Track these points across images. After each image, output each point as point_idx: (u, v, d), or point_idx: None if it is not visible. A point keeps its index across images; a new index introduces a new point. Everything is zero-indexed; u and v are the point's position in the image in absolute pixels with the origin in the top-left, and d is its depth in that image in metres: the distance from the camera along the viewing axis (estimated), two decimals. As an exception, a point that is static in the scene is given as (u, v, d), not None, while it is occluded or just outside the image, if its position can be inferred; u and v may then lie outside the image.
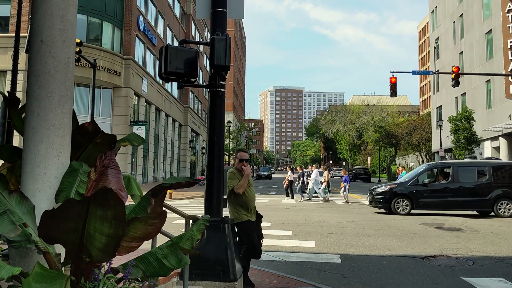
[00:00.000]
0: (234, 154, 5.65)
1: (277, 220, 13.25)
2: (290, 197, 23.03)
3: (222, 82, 5.34)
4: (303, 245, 8.98)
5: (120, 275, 2.72)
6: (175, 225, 10.83)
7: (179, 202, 20.15)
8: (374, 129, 66.48)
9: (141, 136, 3.93)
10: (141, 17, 30.66)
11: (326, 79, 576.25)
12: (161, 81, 34.33)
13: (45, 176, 2.90)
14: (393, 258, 7.81)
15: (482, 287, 6.01)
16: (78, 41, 16.92)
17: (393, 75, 23.54)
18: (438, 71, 37.20)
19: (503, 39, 29.02)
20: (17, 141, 17.76)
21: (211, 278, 4.82)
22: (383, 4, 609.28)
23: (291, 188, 23.28)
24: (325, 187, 22.10)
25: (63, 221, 2.35)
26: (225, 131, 29.50)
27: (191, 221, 4.80)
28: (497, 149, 32.75)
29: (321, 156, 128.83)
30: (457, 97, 39.67)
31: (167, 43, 33.67)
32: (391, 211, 15.79)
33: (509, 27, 28.57)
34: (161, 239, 3.82)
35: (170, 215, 3.56)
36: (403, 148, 60.96)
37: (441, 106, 44.17)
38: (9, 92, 3.47)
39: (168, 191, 3.63)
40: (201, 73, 49.91)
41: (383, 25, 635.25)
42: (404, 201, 15.88)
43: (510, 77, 27.91)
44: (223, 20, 5.48)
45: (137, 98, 30.55)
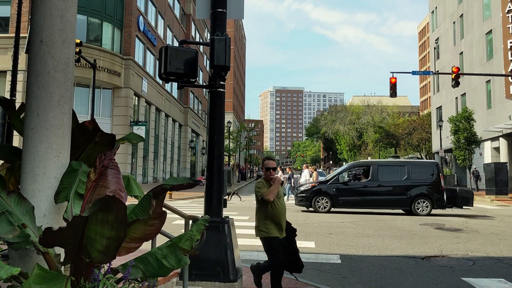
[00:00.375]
0: (261, 163, 5.55)
1: (277, 220, 13.25)
2: None
3: (222, 83, 5.34)
4: (303, 245, 8.96)
5: (119, 275, 2.72)
6: (175, 225, 10.83)
7: (179, 202, 20.14)
8: (374, 130, 66.49)
9: (140, 135, 3.94)
10: (141, 17, 30.66)
11: (326, 80, 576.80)
12: (161, 82, 34.33)
13: (44, 176, 2.89)
14: (393, 259, 7.81)
15: (482, 287, 6.01)
16: (78, 41, 16.92)
17: (393, 76, 23.56)
18: (438, 71, 37.23)
19: (503, 39, 29.02)
20: (17, 141, 17.77)
21: (211, 279, 4.82)
22: (383, 4, 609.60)
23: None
24: None
25: (64, 234, 2.35)
26: (225, 131, 29.47)
27: (191, 221, 4.80)
28: (497, 149, 32.75)
29: (321, 157, 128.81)
30: (457, 98, 39.66)
31: (167, 43, 33.60)
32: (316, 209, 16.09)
33: (509, 27, 28.58)
34: (161, 240, 3.81)
35: (170, 215, 3.55)
36: (403, 149, 60.92)
37: (441, 106, 44.17)
38: (5, 98, 3.46)
39: (168, 191, 3.63)
40: (201, 73, 49.90)
41: (383, 25, 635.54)
42: (324, 199, 16.12)
43: (510, 78, 27.91)
44: (223, 20, 5.48)
45: (137, 98, 30.55)
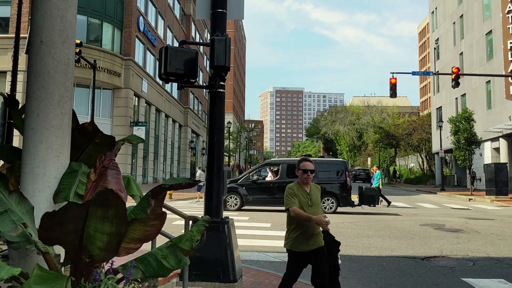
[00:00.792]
0: (297, 163, 4.69)
1: (277, 221, 13.25)
2: None
3: (222, 83, 5.34)
4: (303, 246, 8.97)
5: (119, 275, 2.72)
6: (175, 226, 10.83)
7: (179, 202, 20.14)
8: (374, 130, 66.48)
9: (140, 136, 3.94)
10: (141, 18, 30.67)
11: (326, 80, 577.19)
12: (161, 82, 34.33)
13: (44, 176, 2.89)
14: (393, 259, 7.81)
15: (482, 288, 6.01)
16: (78, 41, 16.92)
17: (393, 76, 23.55)
18: (438, 72, 37.23)
19: (503, 40, 29.02)
20: (17, 141, 17.76)
21: (211, 279, 4.82)
22: (384, 5, 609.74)
23: None
24: None
25: (63, 223, 2.34)
26: (225, 131, 29.45)
27: (190, 222, 4.80)
28: (497, 150, 32.74)
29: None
30: (457, 98, 39.67)
31: (167, 44, 33.67)
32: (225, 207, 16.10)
33: (509, 28, 28.57)
34: (160, 240, 3.81)
35: (169, 215, 3.55)
36: (403, 149, 60.94)
37: (441, 107, 44.16)
38: (9, 94, 3.47)
39: (168, 192, 3.62)
40: (201, 73, 49.91)
41: (384, 26, 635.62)
42: (234, 198, 16.28)
43: (510, 78, 27.90)
44: (223, 21, 5.48)
45: (137, 99, 30.55)
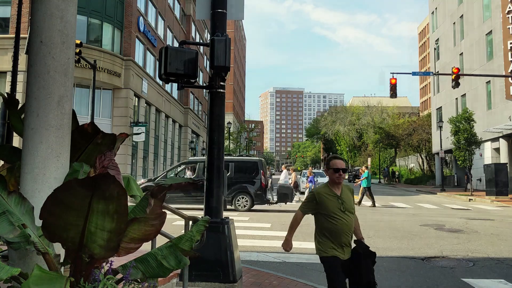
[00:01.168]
0: (326, 162, 4.20)
1: (277, 221, 13.25)
2: None
3: (222, 83, 5.34)
4: (303, 246, 8.96)
5: (119, 276, 2.72)
6: (175, 226, 10.82)
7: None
8: (374, 130, 66.48)
9: (139, 132, 3.93)
10: (141, 18, 30.67)
11: (326, 80, 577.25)
12: (161, 82, 34.34)
13: (44, 177, 2.89)
14: (393, 259, 7.80)
15: (482, 288, 6.01)
16: (78, 42, 16.93)
17: (393, 76, 23.56)
18: (438, 72, 37.22)
19: (503, 40, 29.02)
20: (17, 142, 17.76)
21: (211, 279, 4.82)
22: (384, 5, 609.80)
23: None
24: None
25: (65, 208, 2.33)
26: (225, 132, 29.42)
27: (190, 222, 4.80)
28: (497, 150, 32.74)
29: (321, 157, 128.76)
30: (457, 98, 39.66)
31: (167, 44, 33.62)
32: None
33: (509, 28, 28.58)
34: (160, 240, 3.81)
35: (169, 216, 3.55)
36: (403, 149, 60.94)
37: (441, 107, 44.16)
38: (8, 94, 3.47)
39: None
40: (201, 74, 49.91)
41: (384, 26, 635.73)
42: None
43: (510, 78, 27.90)
44: (223, 21, 5.48)
45: (137, 99, 30.54)
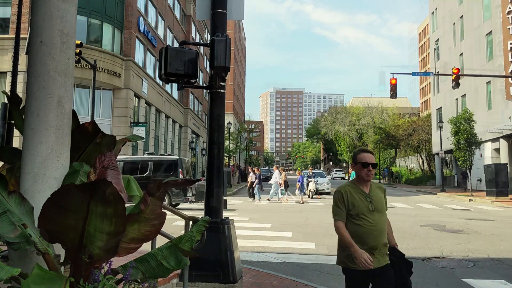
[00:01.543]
0: (352, 156, 3.59)
1: (277, 221, 13.24)
2: (253, 198, 22.92)
3: (222, 83, 5.34)
4: (303, 246, 8.96)
5: (119, 276, 2.72)
6: (175, 226, 10.82)
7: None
8: (374, 131, 66.48)
9: (139, 135, 3.94)
10: (141, 18, 30.68)
11: (326, 81, 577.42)
12: (161, 83, 34.34)
13: (44, 177, 2.89)
14: (393, 260, 7.79)
15: (483, 288, 6.00)
16: (78, 42, 16.93)
17: (393, 77, 23.55)
18: (438, 72, 37.22)
19: (503, 40, 29.01)
20: (17, 142, 17.76)
21: (211, 280, 4.81)
22: (384, 5, 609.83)
23: (252, 189, 23.25)
24: (283, 188, 22.33)
25: (63, 211, 2.33)
26: (225, 132, 29.39)
27: (191, 222, 4.80)
28: (497, 150, 32.73)
29: (321, 158, 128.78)
30: (457, 99, 39.66)
31: (167, 44, 33.58)
32: None
33: (509, 28, 28.57)
34: (161, 240, 3.81)
35: (170, 216, 3.55)
36: (403, 150, 60.94)
37: (441, 107, 44.15)
38: (12, 92, 3.48)
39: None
40: (201, 74, 49.92)
41: (384, 26, 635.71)
42: None
43: (510, 79, 27.90)
44: (223, 21, 5.48)
45: (137, 99, 30.54)
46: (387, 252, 3.45)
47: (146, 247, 3.43)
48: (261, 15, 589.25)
